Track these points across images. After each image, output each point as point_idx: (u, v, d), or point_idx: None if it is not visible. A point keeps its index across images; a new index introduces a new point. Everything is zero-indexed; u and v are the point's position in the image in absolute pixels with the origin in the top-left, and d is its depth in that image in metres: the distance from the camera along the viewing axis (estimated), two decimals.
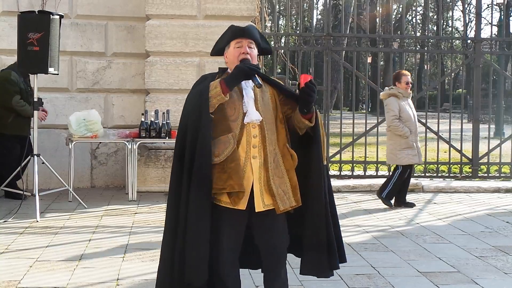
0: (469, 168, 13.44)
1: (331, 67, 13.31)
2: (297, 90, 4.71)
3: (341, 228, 5.02)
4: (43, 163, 9.64)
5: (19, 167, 9.71)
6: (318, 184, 4.70)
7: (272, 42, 13.42)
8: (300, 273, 4.85)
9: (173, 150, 4.92)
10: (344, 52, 18.14)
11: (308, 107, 4.61)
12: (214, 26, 11.23)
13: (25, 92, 10.19)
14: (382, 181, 12.12)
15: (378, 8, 17.98)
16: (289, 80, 13.75)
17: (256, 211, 4.65)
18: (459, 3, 46.93)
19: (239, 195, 4.61)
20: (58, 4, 11.28)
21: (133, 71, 11.78)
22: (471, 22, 46.48)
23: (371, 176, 12.74)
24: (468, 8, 48.36)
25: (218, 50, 4.88)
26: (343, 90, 14.81)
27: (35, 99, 9.48)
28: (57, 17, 9.46)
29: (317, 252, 4.72)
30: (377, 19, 19.61)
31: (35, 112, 9.51)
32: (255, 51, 4.77)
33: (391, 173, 10.79)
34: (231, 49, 4.76)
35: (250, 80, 4.67)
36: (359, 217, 9.54)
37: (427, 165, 13.28)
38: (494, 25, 34.86)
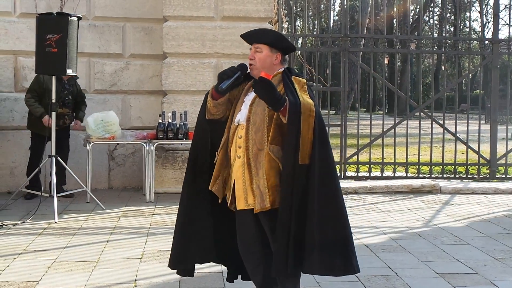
0: (486, 169, 13.38)
1: (348, 68, 13.28)
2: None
3: (358, 230, 5.01)
4: (60, 164, 9.69)
5: (37, 169, 9.76)
6: (283, 184, 4.69)
7: None
8: None
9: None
10: (361, 53, 18.08)
11: (266, 102, 4.70)
12: (231, 28, 11.25)
13: (53, 92, 10.24)
14: (399, 182, 12.12)
15: (395, 9, 17.94)
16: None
17: (238, 208, 4.88)
18: (477, 4, 46.78)
19: (227, 193, 4.98)
20: (77, 6, 11.34)
21: (150, 72, 11.81)
22: (489, 22, 46.37)
23: (388, 177, 12.70)
24: (485, 9, 48.21)
25: None
26: (360, 91, 14.76)
27: (53, 101, 9.57)
28: (75, 18, 9.50)
29: (276, 253, 4.74)
30: (394, 20, 19.57)
31: (53, 114, 9.58)
32: (262, 54, 4.92)
33: None
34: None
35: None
36: (376, 218, 9.51)
37: (444, 166, 13.24)
38: None
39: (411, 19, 36.67)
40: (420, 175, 12.95)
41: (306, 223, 4.67)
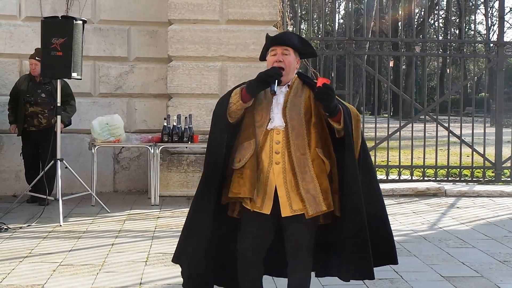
0: (492, 172, 13.36)
1: (353, 71, 13.28)
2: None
3: None
4: (66, 167, 9.70)
5: (42, 172, 9.79)
6: (353, 188, 4.70)
7: None
8: (342, 279, 4.91)
9: (200, 155, 5.07)
10: (366, 56, 18.07)
11: (327, 109, 4.60)
12: (236, 31, 11.26)
13: (25, 92, 10.32)
14: (404, 185, 12.11)
15: (400, 12, 17.93)
16: None
17: (283, 216, 4.68)
18: (482, 6, 46.71)
19: (257, 201, 4.68)
20: (82, 9, 11.36)
21: (155, 75, 11.83)
22: (494, 25, 46.24)
23: (393, 181, 12.69)
24: (490, 12, 48.10)
25: (262, 56, 4.99)
26: (365, 94, 14.73)
27: (58, 104, 9.60)
28: (80, 22, 9.51)
29: (361, 253, 4.77)
30: (399, 23, 19.55)
31: (58, 118, 9.61)
32: (290, 57, 4.77)
33: None
34: (268, 56, 4.84)
35: (283, 86, 4.78)
36: None
37: (449, 169, 13.22)
38: None
39: (416, 22, 36.66)
40: (425, 178, 12.95)
41: (381, 220, 5.07)
